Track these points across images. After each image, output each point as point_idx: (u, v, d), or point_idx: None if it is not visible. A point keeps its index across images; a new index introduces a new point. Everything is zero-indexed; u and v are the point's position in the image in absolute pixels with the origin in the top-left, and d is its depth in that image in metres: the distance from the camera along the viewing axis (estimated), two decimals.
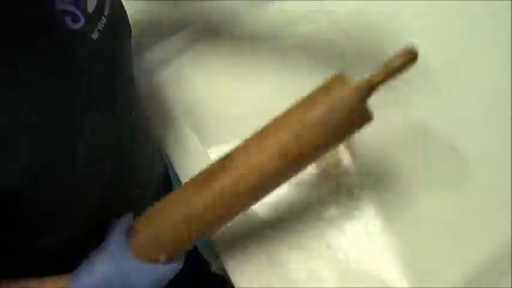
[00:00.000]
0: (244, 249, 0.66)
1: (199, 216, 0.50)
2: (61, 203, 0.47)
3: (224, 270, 0.67)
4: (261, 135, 0.51)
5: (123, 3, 0.56)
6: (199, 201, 0.50)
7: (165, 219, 0.52)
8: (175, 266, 0.53)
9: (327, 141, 0.49)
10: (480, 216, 0.64)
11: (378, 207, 0.66)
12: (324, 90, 0.49)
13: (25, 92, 0.40)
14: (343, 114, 0.47)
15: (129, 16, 0.57)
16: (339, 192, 0.68)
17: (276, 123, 0.50)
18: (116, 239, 0.50)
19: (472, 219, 0.64)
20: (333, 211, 0.67)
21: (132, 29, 0.58)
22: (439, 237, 0.64)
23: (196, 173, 0.53)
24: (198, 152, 0.74)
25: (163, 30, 0.83)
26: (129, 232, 0.52)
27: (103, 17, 0.48)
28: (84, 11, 0.46)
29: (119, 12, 0.53)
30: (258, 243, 0.67)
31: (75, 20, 0.45)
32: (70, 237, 0.51)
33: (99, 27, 0.47)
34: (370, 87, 0.47)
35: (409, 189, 0.67)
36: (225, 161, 0.51)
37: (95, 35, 0.47)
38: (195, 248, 0.85)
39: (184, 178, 0.71)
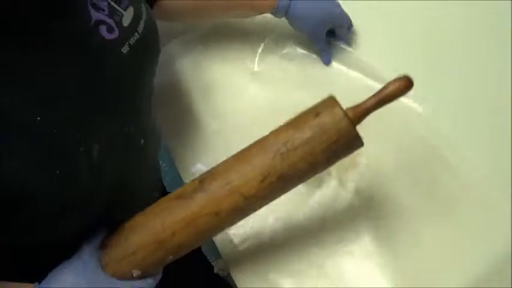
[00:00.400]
0: (247, 250, 0.66)
1: (172, 239, 0.49)
2: (71, 200, 0.46)
3: (227, 271, 0.67)
4: (243, 155, 0.49)
5: None
6: (173, 223, 0.49)
7: (138, 238, 0.50)
8: (151, 282, 0.52)
9: (313, 165, 0.47)
10: (476, 236, 0.62)
11: (375, 228, 0.65)
12: (313, 113, 0.47)
13: (51, 90, 0.42)
14: (331, 138, 0.45)
15: None
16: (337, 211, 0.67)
17: (261, 144, 0.48)
18: (86, 252, 0.50)
19: (467, 239, 0.62)
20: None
21: None
22: (435, 259, 0.62)
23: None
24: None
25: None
26: (102, 247, 0.51)
27: (136, 33, 0.49)
28: (119, 24, 0.47)
29: (152, 31, 0.54)
30: (260, 245, 0.66)
31: (110, 31, 0.47)
32: (73, 235, 0.51)
33: (131, 42, 0.48)
34: (361, 113, 0.46)
35: (406, 210, 0.65)
36: (203, 182, 0.49)
37: (125, 49, 0.48)
38: (199, 249, 0.84)
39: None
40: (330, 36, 0.75)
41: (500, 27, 0.73)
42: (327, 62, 0.77)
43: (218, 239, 0.66)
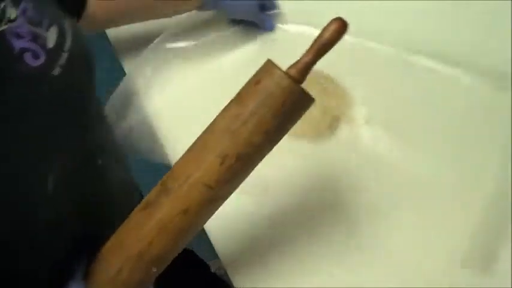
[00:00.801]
0: (244, 249, 0.65)
1: (149, 249, 0.47)
2: (32, 231, 0.45)
3: (224, 270, 0.65)
4: (198, 145, 0.47)
5: None
6: (147, 234, 0.47)
7: (117, 258, 0.48)
8: None
9: (268, 135, 0.45)
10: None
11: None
12: (253, 81, 0.45)
13: None
14: (278, 102, 0.43)
15: None
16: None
17: (211, 129, 0.47)
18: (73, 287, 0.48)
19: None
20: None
21: None
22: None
23: None
24: None
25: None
26: (86, 277, 0.49)
27: (63, 53, 0.47)
28: (43, 46, 0.45)
29: (82, 47, 0.52)
30: (257, 244, 0.65)
31: (36, 56, 0.44)
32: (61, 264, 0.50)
33: (61, 63, 0.46)
34: (302, 68, 0.44)
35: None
36: (164, 184, 0.47)
37: (56, 71, 0.46)
38: (192, 251, 0.84)
39: None
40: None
41: (501, 27, 0.76)
42: (271, 28, 0.83)
43: (215, 239, 0.65)
